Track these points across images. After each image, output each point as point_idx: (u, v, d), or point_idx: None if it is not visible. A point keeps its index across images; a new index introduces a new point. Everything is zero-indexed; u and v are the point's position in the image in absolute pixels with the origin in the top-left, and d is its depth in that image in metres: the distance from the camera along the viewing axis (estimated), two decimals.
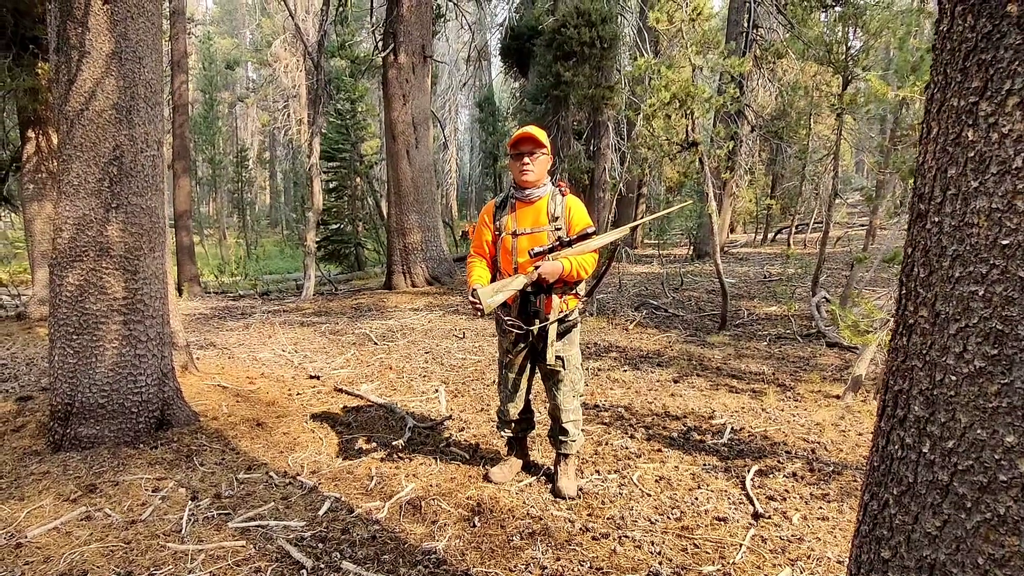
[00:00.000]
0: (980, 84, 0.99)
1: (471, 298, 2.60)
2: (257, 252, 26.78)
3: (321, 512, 2.77)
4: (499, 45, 18.56)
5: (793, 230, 17.07)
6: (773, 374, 5.13)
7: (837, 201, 21.42)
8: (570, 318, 2.84)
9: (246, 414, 4.01)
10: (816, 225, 19.03)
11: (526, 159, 2.73)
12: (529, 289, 2.71)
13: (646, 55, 6.97)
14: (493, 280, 2.84)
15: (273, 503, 2.85)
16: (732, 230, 20.01)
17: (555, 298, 2.76)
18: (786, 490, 3.01)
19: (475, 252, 2.92)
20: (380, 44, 10.76)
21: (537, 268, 2.66)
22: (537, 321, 2.75)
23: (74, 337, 3.32)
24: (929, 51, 5.69)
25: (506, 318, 2.77)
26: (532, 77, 17.27)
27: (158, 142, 3.54)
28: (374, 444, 3.61)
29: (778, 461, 3.36)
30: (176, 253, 13.27)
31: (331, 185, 17.10)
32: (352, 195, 16.63)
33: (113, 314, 3.37)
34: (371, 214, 17.06)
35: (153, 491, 2.94)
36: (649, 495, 2.97)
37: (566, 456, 3.02)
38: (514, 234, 2.78)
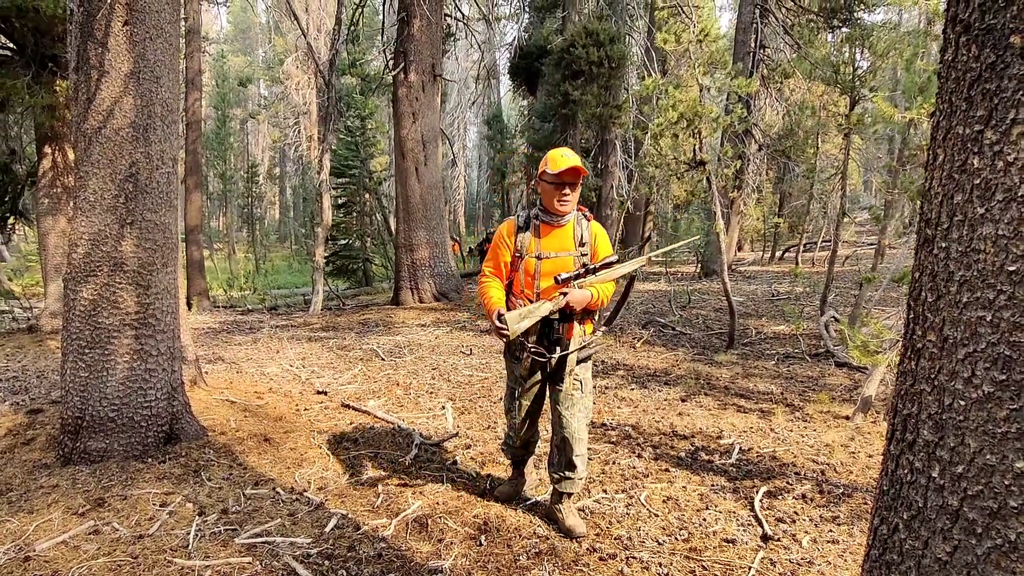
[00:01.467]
0: (985, 113, 1.01)
1: (497, 323, 2.51)
2: (266, 267, 26.96)
3: (327, 529, 2.77)
4: (508, 64, 18.79)
5: (801, 249, 17.04)
6: (781, 394, 5.10)
7: (845, 220, 21.36)
8: (592, 346, 2.76)
9: (254, 429, 4.02)
10: (824, 244, 18.98)
11: (567, 190, 2.61)
12: (554, 316, 2.61)
13: (654, 75, 7.04)
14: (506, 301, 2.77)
15: (280, 519, 2.85)
16: (740, 248, 19.99)
17: (576, 325, 2.68)
18: (796, 512, 2.99)
19: (491, 272, 2.77)
20: (391, 63, 10.91)
21: (563, 295, 2.57)
22: (559, 349, 2.64)
23: (86, 351, 3.36)
24: (936, 73, 5.72)
25: (529, 346, 2.63)
26: (540, 96, 17.44)
27: (173, 159, 3.60)
28: (381, 461, 3.61)
29: (787, 482, 3.34)
30: (186, 267, 13.39)
31: (340, 201, 17.26)
32: (361, 211, 16.77)
33: (125, 328, 3.41)
34: (379, 230, 17.17)
35: (161, 506, 2.95)
36: (657, 515, 2.95)
37: (569, 495, 2.83)
38: (538, 257, 2.66)
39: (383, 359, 6.46)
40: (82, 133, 3.39)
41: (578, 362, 2.72)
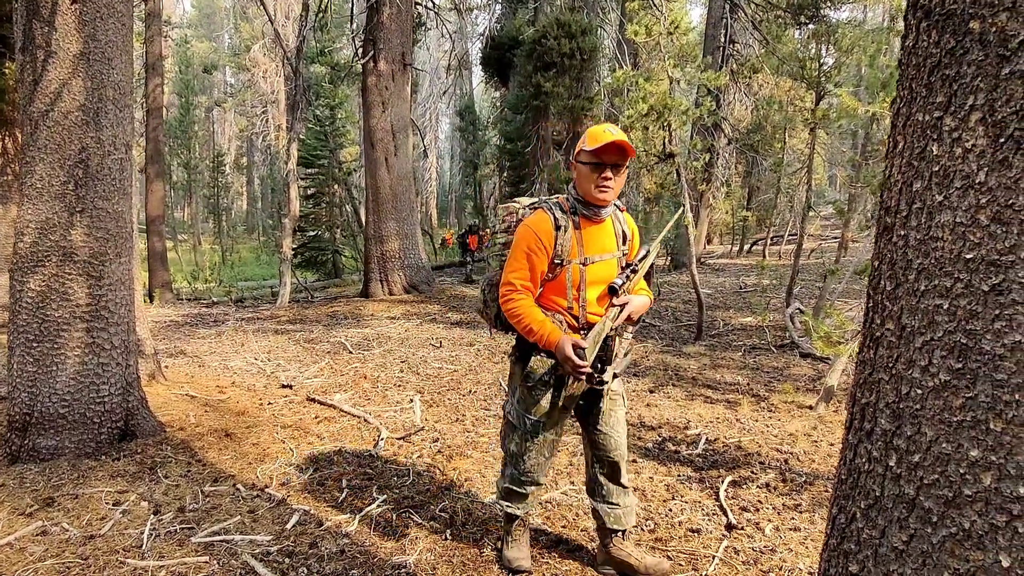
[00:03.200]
0: (944, 99, 1.00)
1: (576, 359, 1.98)
2: (233, 258, 26.39)
3: (289, 526, 2.70)
4: (480, 55, 18.65)
5: (768, 242, 17.34)
6: (748, 384, 5.17)
7: (811, 214, 21.81)
8: (629, 354, 2.34)
9: (214, 424, 3.91)
10: (791, 237, 19.35)
11: (609, 172, 2.06)
12: (612, 332, 2.15)
13: (625, 67, 7.04)
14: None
15: (239, 517, 2.77)
16: (709, 241, 20.26)
17: (617, 337, 2.20)
18: (759, 501, 3.02)
19: (523, 287, 2.12)
20: (360, 51, 10.72)
21: (621, 306, 2.13)
22: (610, 368, 2.16)
23: (34, 344, 3.22)
24: (898, 69, 5.83)
25: (583, 369, 2.02)
26: (513, 87, 17.35)
27: (127, 145, 3.46)
28: (346, 455, 3.55)
29: (752, 472, 3.38)
30: (148, 259, 13.01)
31: (309, 192, 16.93)
32: (330, 202, 16.49)
33: (76, 321, 3.27)
34: (349, 221, 16.92)
35: (114, 505, 2.85)
36: None
37: (624, 532, 2.39)
38: (583, 263, 2.13)
39: (351, 352, 6.36)
40: (29, 117, 3.23)
41: (614, 376, 2.24)
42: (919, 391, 1.02)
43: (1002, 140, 0.92)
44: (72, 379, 3.27)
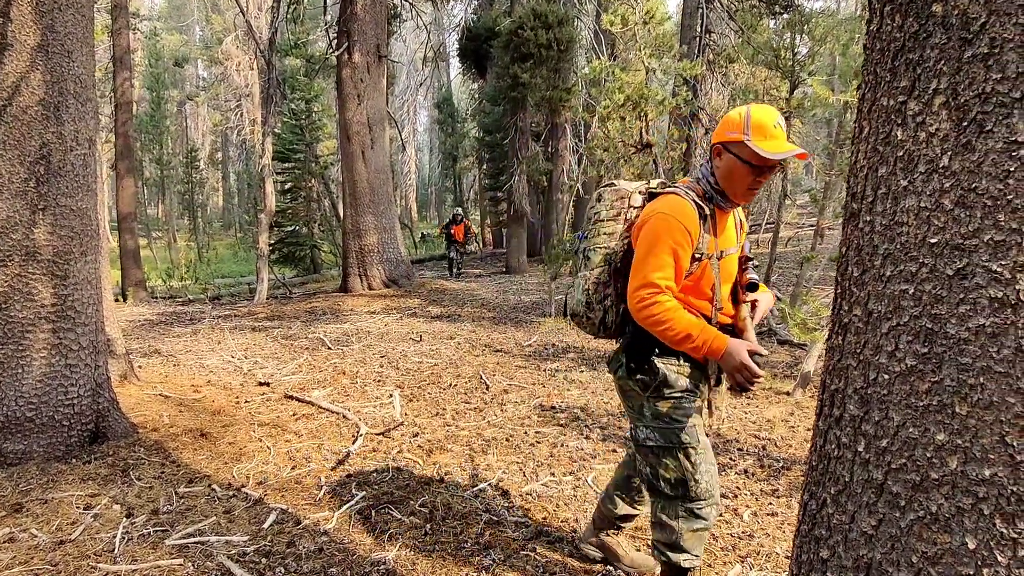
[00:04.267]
0: (908, 83, 1.00)
1: (754, 367, 1.73)
2: (209, 255, 26.00)
3: (266, 525, 2.66)
4: (457, 46, 18.51)
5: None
6: None
7: (787, 202, 22.01)
8: None
9: (189, 424, 3.84)
10: (768, 225, 19.55)
11: (765, 178, 1.82)
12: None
13: (602, 58, 7.02)
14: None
15: (215, 517, 2.72)
16: None
17: None
18: (738, 487, 3.05)
19: (666, 286, 1.80)
20: (334, 43, 10.56)
21: (748, 302, 1.96)
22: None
23: None
24: (863, 54, 5.89)
25: (759, 379, 1.77)
26: (490, 78, 17.26)
27: (90, 140, 3.36)
28: (325, 452, 3.51)
29: (730, 459, 3.41)
30: (120, 257, 12.75)
31: (286, 186, 16.70)
32: (307, 197, 16.29)
33: (41, 322, 3.18)
34: (327, 216, 16.74)
35: (85, 509, 2.78)
36: None
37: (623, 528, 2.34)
38: (719, 256, 1.89)
39: (330, 348, 6.30)
40: None
41: None
42: (886, 376, 1.02)
43: (965, 124, 0.92)
44: (39, 381, 3.18)
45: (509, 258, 13.78)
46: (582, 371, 5.31)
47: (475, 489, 3.03)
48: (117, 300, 11.94)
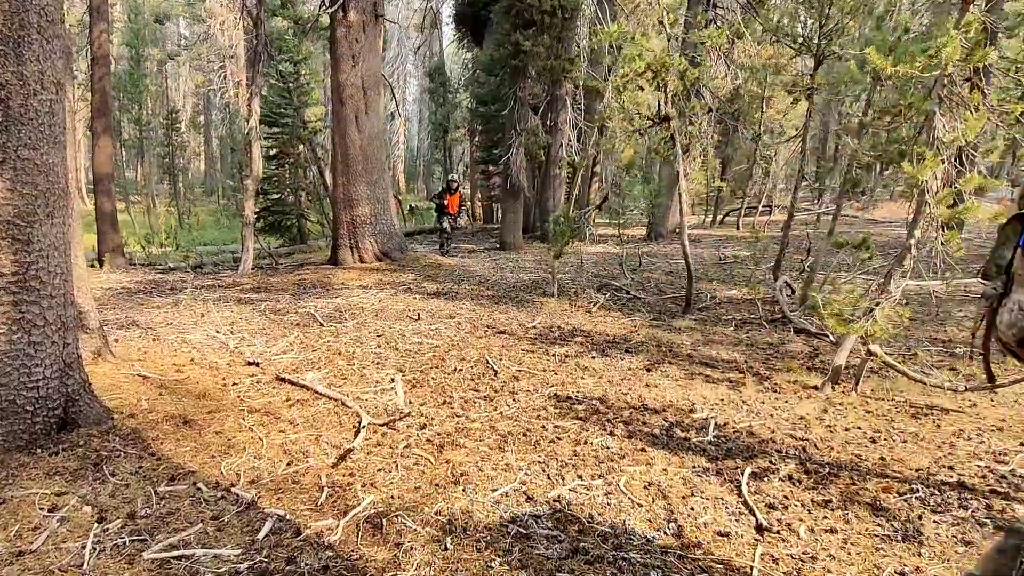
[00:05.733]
0: None
1: None
2: (190, 222, 25.22)
3: (261, 535, 2.32)
4: (452, 12, 17.81)
5: (743, 212, 17.26)
6: (746, 362, 4.93)
7: (777, 186, 21.72)
8: None
9: (171, 409, 3.46)
10: (765, 208, 19.33)
11: None
12: None
13: (619, 23, 6.58)
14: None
15: (201, 524, 2.37)
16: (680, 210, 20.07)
17: None
18: (785, 496, 2.76)
19: None
20: (327, 0, 9.93)
21: None
22: None
23: None
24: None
25: None
26: (487, 46, 16.61)
27: (57, 83, 2.91)
28: (324, 445, 3.16)
29: (770, 462, 3.12)
30: (96, 221, 12.13)
31: (272, 152, 16.04)
32: (295, 163, 15.66)
33: (0, 293, 2.76)
34: (315, 184, 16.14)
35: (50, 511, 2.41)
36: (640, 505, 2.65)
37: None
38: None
39: (322, 325, 5.91)
40: None
41: None
42: None
43: None
44: None
45: (503, 234, 13.37)
46: (593, 357, 4.99)
47: (496, 494, 2.70)
48: (93, 266, 11.38)
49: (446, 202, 12.16)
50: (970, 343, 5.10)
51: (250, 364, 4.51)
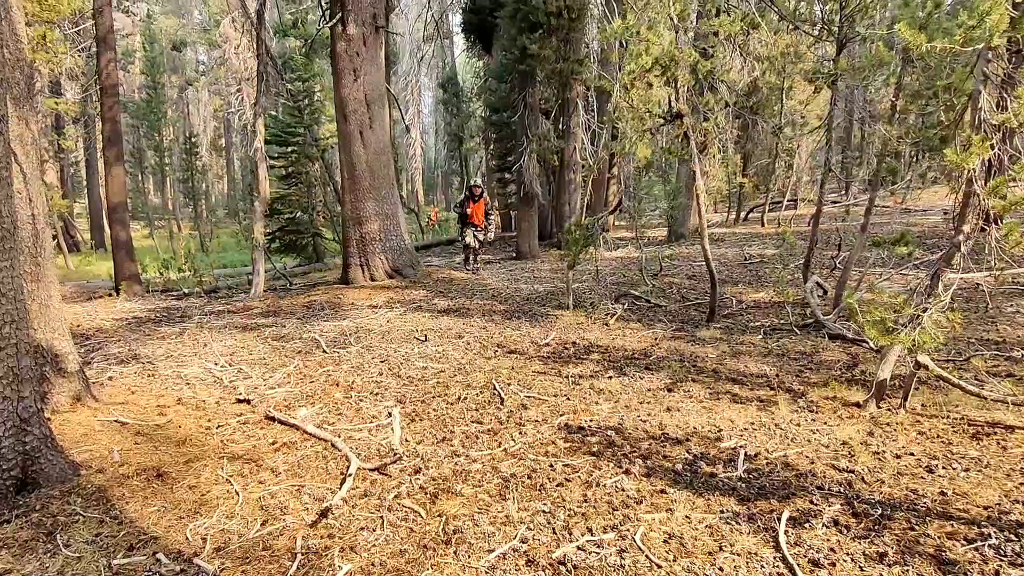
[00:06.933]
0: None
1: None
2: (212, 244, 25.44)
3: None
4: (460, 21, 17.62)
5: (767, 208, 16.67)
6: (777, 376, 4.50)
7: (801, 180, 20.99)
8: None
9: (145, 461, 3.19)
10: (790, 203, 18.66)
11: None
12: None
13: (628, 18, 6.23)
14: None
15: None
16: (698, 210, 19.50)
17: None
18: (831, 549, 2.35)
19: None
20: (327, 13, 9.76)
21: None
22: None
23: None
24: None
25: None
26: (496, 54, 16.36)
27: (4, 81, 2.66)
28: (305, 498, 2.85)
29: (811, 501, 2.71)
30: (112, 250, 12.16)
31: (287, 171, 16.00)
32: (307, 182, 15.57)
33: None
34: (328, 202, 16.04)
35: None
36: (660, 566, 2.28)
37: None
38: None
39: (325, 351, 5.63)
40: None
41: None
42: None
43: None
44: None
45: (519, 242, 13.04)
46: (610, 377, 4.62)
47: (492, 556, 2.35)
48: (110, 295, 11.39)
49: (469, 211, 10.36)
50: None
51: (240, 401, 4.24)
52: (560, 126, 13.17)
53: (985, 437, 3.28)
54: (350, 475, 2.99)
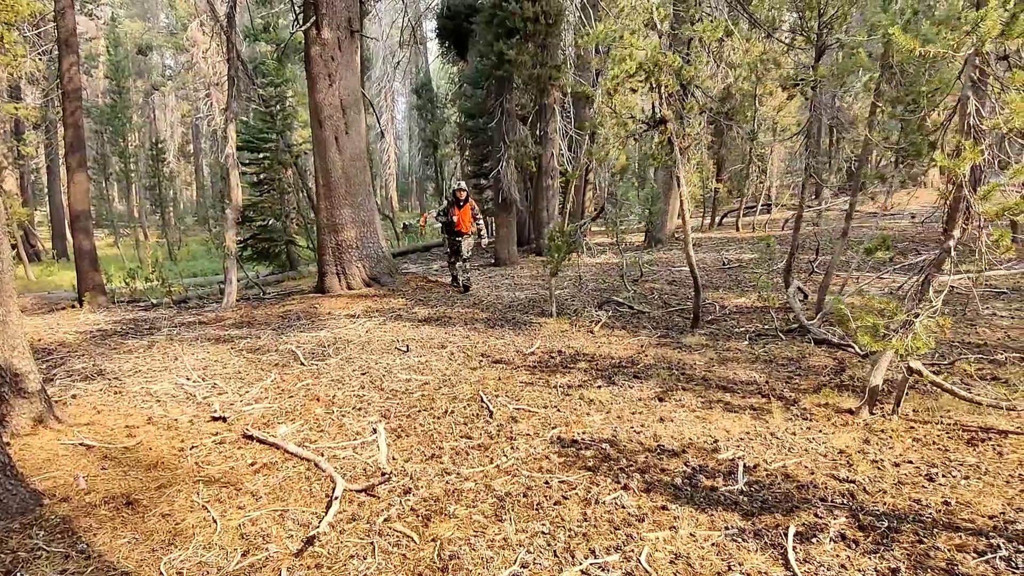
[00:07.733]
0: None
1: None
2: (180, 252, 24.80)
3: None
4: (435, 28, 17.49)
5: (741, 213, 16.85)
6: (767, 383, 4.46)
7: (774, 184, 21.30)
8: None
9: (114, 487, 2.98)
10: (764, 207, 18.91)
11: None
12: None
13: (606, 22, 6.20)
14: None
15: None
16: (680, 215, 19.67)
17: None
18: (842, 565, 2.28)
19: None
20: (300, 17, 9.56)
21: None
22: None
23: None
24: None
25: None
26: (472, 59, 16.28)
27: None
28: (288, 524, 2.68)
29: (816, 515, 2.64)
30: (76, 259, 11.71)
31: (260, 177, 15.64)
32: (280, 189, 15.25)
33: None
34: (302, 209, 15.74)
35: None
36: None
37: None
38: None
39: (303, 364, 5.43)
40: None
41: None
42: None
43: None
44: None
45: (498, 249, 12.93)
46: (599, 387, 4.52)
47: None
48: (73, 306, 10.95)
49: (455, 218, 9.17)
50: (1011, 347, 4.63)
51: (215, 419, 4.03)
52: (537, 132, 13.12)
53: (980, 443, 3.26)
54: (336, 497, 2.83)
